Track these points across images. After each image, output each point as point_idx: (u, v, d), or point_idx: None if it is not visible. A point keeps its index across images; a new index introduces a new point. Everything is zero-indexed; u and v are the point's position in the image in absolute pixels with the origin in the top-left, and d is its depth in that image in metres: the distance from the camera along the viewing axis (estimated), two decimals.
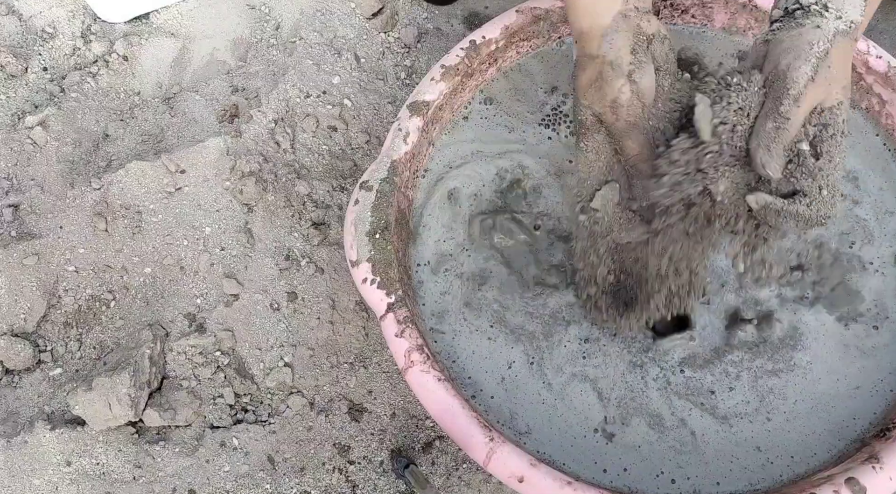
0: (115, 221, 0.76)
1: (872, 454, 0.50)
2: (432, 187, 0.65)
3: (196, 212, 0.77)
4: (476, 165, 0.66)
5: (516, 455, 0.48)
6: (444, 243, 0.63)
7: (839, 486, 0.48)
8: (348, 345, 0.73)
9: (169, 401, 0.69)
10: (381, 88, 0.87)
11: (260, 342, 0.72)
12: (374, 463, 0.69)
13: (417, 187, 0.65)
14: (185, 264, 0.75)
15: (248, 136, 0.81)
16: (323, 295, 0.74)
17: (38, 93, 0.86)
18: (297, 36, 0.89)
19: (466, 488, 0.68)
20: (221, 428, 0.69)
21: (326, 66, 0.86)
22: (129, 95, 0.88)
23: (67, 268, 0.75)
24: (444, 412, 0.50)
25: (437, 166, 0.66)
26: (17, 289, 0.73)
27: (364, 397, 0.71)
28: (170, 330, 0.73)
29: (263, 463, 0.68)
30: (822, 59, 0.45)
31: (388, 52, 0.89)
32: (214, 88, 0.87)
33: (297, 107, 0.83)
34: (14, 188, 0.80)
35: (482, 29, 0.68)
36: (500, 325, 0.59)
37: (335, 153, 0.82)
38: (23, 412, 0.71)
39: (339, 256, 0.76)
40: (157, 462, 0.67)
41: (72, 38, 0.90)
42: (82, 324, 0.74)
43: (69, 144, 0.82)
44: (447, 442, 0.70)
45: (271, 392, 0.71)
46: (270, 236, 0.76)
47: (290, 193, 0.78)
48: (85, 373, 0.72)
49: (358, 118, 0.84)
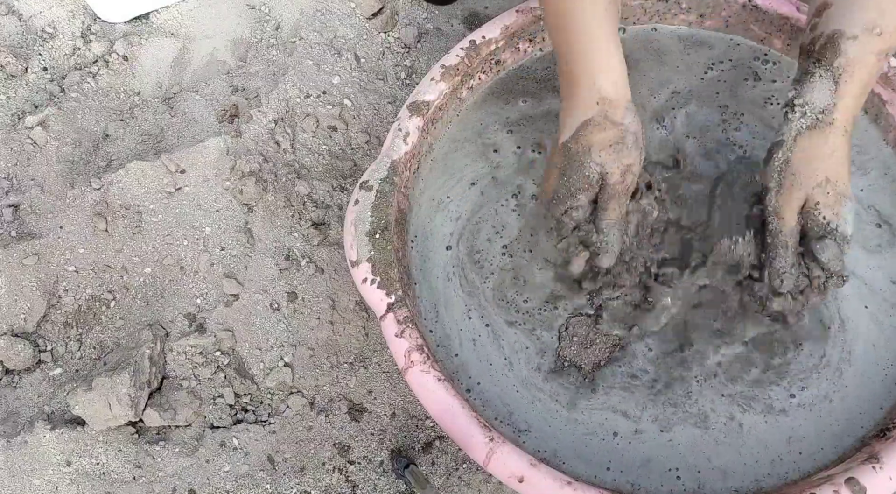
0: (115, 221, 0.76)
1: (872, 454, 0.50)
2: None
3: (196, 212, 0.77)
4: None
5: (516, 455, 0.48)
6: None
7: (839, 486, 0.48)
8: (348, 345, 0.73)
9: (169, 401, 0.69)
10: (381, 88, 0.87)
11: (260, 342, 0.72)
12: (374, 463, 0.69)
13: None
14: (185, 264, 0.75)
15: (248, 136, 0.81)
16: (323, 295, 0.74)
17: (38, 93, 0.86)
18: (297, 36, 0.89)
19: (466, 488, 0.68)
20: (221, 428, 0.69)
21: (326, 66, 0.86)
22: (129, 95, 0.88)
23: (67, 268, 0.75)
24: (444, 412, 0.50)
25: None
26: (17, 289, 0.73)
27: (364, 397, 0.71)
28: (170, 330, 0.73)
29: (263, 463, 0.68)
30: (784, 171, 0.51)
31: (388, 52, 0.89)
32: (214, 88, 0.87)
33: (297, 107, 0.83)
34: (14, 188, 0.80)
35: (482, 29, 0.68)
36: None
37: (335, 153, 0.82)
38: (23, 412, 0.71)
39: (339, 256, 0.76)
40: (157, 462, 0.67)
41: (72, 38, 0.90)
42: (82, 324, 0.74)
43: (69, 144, 0.82)
44: (447, 442, 0.70)
45: (271, 392, 0.71)
46: (270, 236, 0.76)
47: (290, 193, 0.78)
48: (85, 373, 0.72)
49: (358, 118, 0.84)
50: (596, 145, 0.51)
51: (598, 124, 0.51)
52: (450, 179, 0.66)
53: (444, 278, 0.62)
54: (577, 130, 0.51)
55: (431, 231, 0.64)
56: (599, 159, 0.51)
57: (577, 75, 0.52)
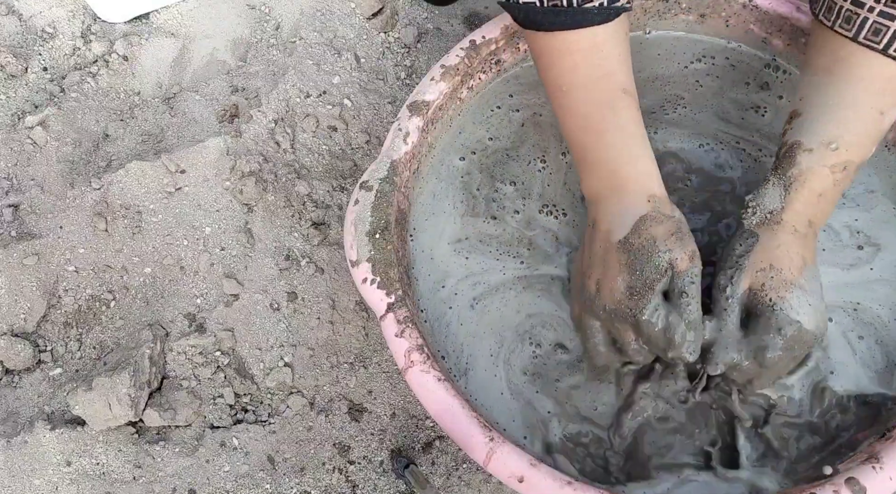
0: (115, 221, 0.76)
1: (872, 454, 0.50)
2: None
3: (196, 212, 0.77)
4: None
5: (516, 455, 0.48)
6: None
7: (839, 486, 0.48)
8: (348, 345, 0.73)
9: (169, 401, 0.69)
10: (381, 88, 0.87)
11: (260, 342, 0.72)
12: (374, 463, 0.69)
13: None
14: (185, 264, 0.75)
15: (248, 136, 0.81)
16: (323, 295, 0.74)
17: (38, 93, 0.86)
18: (297, 36, 0.89)
19: (466, 488, 0.68)
20: (221, 428, 0.69)
21: (326, 66, 0.86)
22: (129, 95, 0.88)
23: (67, 268, 0.75)
24: (444, 412, 0.50)
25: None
26: (17, 289, 0.73)
27: (364, 397, 0.71)
28: (170, 330, 0.73)
29: (263, 463, 0.68)
30: (731, 256, 0.54)
31: (388, 52, 0.89)
32: (214, 88, 0.87)
33: (297, 107, 0.83)
34: (14, 188, 0.80)
35: (482, 29, 0.68)
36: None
37: (335, 153, 0.82)
38: (23, 412, 0.71)
39: (339, 256, 0.76)
40: (157, 462, 0.67)
41: (72, 38, 0.90)
42: (82, 324, 0.74)
43: (69, 144, 0.82)
44: (447, 442, 0.70)
45: (271, 392, 0.71)
46: (270, 236, 0.76)
47: (290, 193, 0.78)
48: (85, 373, 0.72)
49: (358, 118, 0.84)
50: (660, 237, 0.51)
51: (654, 218, 0.52)
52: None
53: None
54: (636, 226, 0.52)
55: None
56: (666, 248, 0.51)
57: (624, 176, 0.54)
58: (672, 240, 0.51)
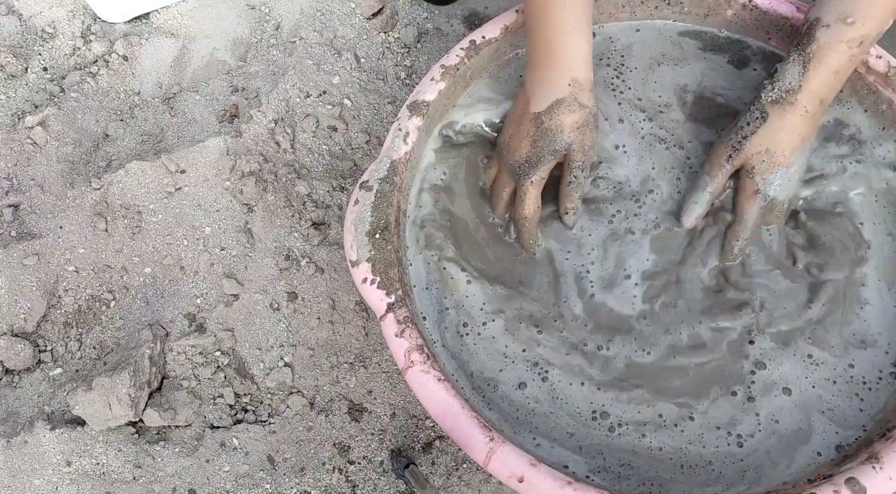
0: (115, 221, 0.76)
1: (872, 454, 0.50)
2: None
3: (196, 212, 0.77)
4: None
5: (516, 455, 0.48)
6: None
7: (839, 486, 0.48)
8: (348, 345, 0.73)
9: (169, 401, 0.69)
10: (381, 88, 0.87)
11: (260, 342, 0.72)
12: (374, 463, 0.69)
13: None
14: (185, 264, 0.75)
15: (248, 136, 0.81)
16: (323, 295, 0.74)
17: (38, 93, 0.86)
18: (297, 36, 0.89)
19: (466, 488, 0.68)
20: (221, 428, 0.69)
21: (326, 66, 0.86)
22: (129, 95, 0.88)
23: (67, 268, 0.75)
24: (444, 412, 0.50)
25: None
26: (17, 289, 0.73)
27: (364, 397, 0.71)
28: (170, 330, 0.73)
29: (263, 463, 0.68)
30: (734, 136, 0.59)
31: (388, 52, 0.89)
32: (214, 88, 0.87)
33: (297, 107, 0.83)
34: (14, 188, 0.80)
35: (482, 29, 0.68)
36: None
37: (335, 153, 0.82)
38: (23, 412, 0.71)
39: (339, 256, 0.76)
40: (157, 462, 0.67)
41: (72, 38, 0.90)
42: (82, 324, 0.74)
43: (69, 144, 0.82)
44: (447, 442, 0.70)
45: (271, 392, 0.71)
46: (270, 236, 0.76)
47: (290, 193, 0.78)
48: (85, 373, 0.72)
49: (358, 118, 0.84)
50: (567, 127, 0.58)
51: (569, 106, 0.57)
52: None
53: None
54: (550, 107, 0.58)
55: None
56: (569, 139, 0.58)
57: (556, 50, 0.58)
58: (576, 132, 0.58)
